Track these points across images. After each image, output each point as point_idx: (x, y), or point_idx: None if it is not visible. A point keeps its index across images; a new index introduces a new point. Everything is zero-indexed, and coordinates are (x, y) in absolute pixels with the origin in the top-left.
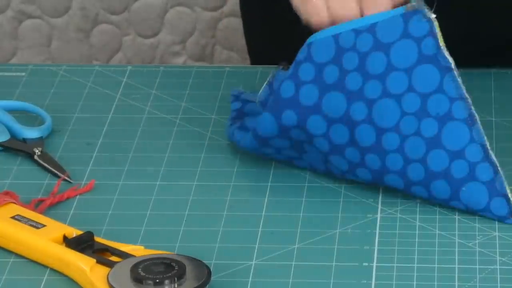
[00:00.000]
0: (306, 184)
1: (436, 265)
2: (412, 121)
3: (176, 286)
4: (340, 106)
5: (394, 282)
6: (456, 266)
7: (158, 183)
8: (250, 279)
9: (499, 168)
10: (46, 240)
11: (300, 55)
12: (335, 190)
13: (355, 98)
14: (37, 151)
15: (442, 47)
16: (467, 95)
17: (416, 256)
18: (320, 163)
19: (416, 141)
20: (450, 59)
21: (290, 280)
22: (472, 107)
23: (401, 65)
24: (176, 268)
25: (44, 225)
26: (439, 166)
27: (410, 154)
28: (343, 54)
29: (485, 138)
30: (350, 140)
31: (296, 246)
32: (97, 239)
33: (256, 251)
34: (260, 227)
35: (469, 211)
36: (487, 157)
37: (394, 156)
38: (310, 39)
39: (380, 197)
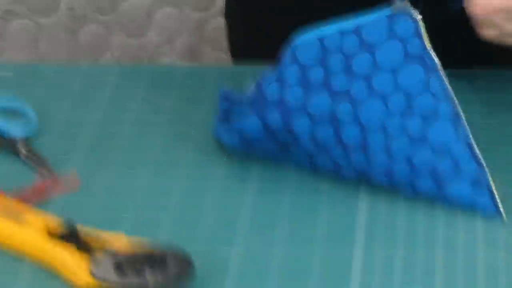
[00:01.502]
0: (290, 183)
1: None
2: (398, 120)
3: (157, 274)
4: (325, 106)
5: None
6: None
7: (145, 178)
8: (230, 266)
9: (484, 166)
10: (28, 231)
11: (285, 57)
12: (320, 190)
13: (341, 98)
14: (24, 150)
15: (428, 48)
16: (453, 95)
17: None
18: (306, 163)
19: (402, 140)
20: (436, 59)
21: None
22: (458, 107)
23: (387, 65)
24: (157, 257)
25: (26, 217)
26: (425, 164)
27: (396, 153)
28: (329, 55)
29: (471, 136)
30: (336, 140)
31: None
32: (79, 227)
33: (236, 239)
34: (240, 215)
35: (455, 207)
36: (472, 155)
37: (380, 155)
38: (295, 41)
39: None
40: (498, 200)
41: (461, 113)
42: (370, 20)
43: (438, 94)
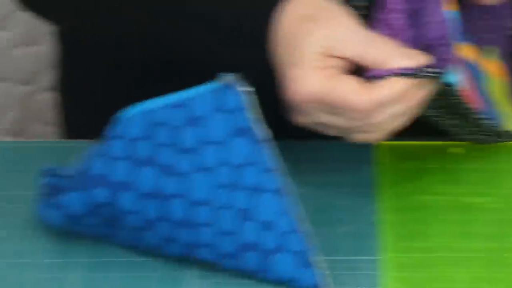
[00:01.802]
0: (119, 259)
1: None
2: (224, 193)
3: None
4: (151, 181)
5: None
6: None
7: None
8: None
9: (309, 239)
10: None
11: (111, 132)
12: (148, 266)
13: (167, 172)
14: None
15: (255, 120)
16: (279, 166)
17: None
18: (133, 239)
19: (228, 213)
20: (263, 131)
21: None
22: (285, 178)
23: (214, 138)
24: None
25: None
26: (250, 237)
27: (221, 226)
28: (155, 129)
29: (297, 208)
30: (161, 215)
31: None
32: None
33: None
34: None
35: (278, 282)
36: (297, 228)
37: (205, 229)
38: (121, 115)
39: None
40: (321, 274)
41: (287, 184)
42: (197, 93)
43: (264, 166)
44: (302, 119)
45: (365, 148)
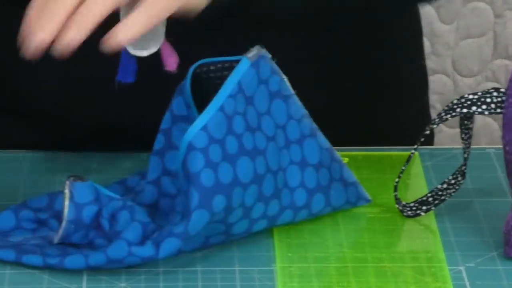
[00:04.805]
0: (8, 272)
1: None
2: (285, 153)
3: None
4: (250, 168)
5: None
6: None
7: None
8: None
9: (343, 162)
10: None
11: (199, 141)
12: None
13: (254, 156)
14: None
15: (284, 79)
16: (306, 112)
17: None
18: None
19: (294, 168)
20: (290, 88)
21: None
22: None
23: (263, 108)
24: None
25: None
26: (313, 182)
27: (292, 182)
28: (231, 121)
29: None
30: (259, 196)
31: None
32: None
33: None
34: None
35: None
36: (335, 158)
37: (286, 191)
38: (200, 123)
39: (85, 282)
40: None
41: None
42: (242, 72)
43: (299, 117)
44: None
45: None
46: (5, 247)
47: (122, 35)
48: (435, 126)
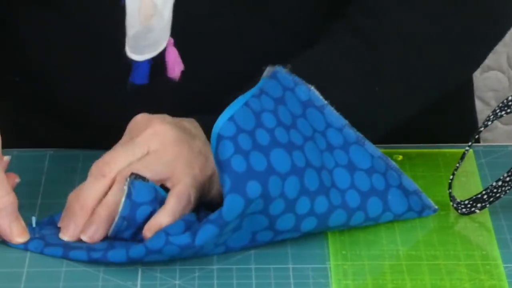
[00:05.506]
0: (64, 269)
1: None
2: (328, 156)
3: None
4: (286, 159)
5: None
6: None
7: None
8: None
9: (401, 171)
10: None
11: (227, 130)
12: (94, 274)
13: (290, 149)
14: None
15: (312, 89)
16: (347, 121)
17: None
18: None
19: (340, 171)
20: (322, 98)
21: None
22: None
23: (297, 112)
24: None
25: None
26: (365, 185)
27: (341, 184)
28: (260, 116)
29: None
30: (302, 189)
31: None
32: None
33: None
34: None
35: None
36: (390, 165)
37: (335, 191)
38: (226, 115)
39: (139, 279)
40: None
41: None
42: (264, 81)
43: (338, 125)
44: None
45: None
46: (54, 244)
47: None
48: (489, 123)
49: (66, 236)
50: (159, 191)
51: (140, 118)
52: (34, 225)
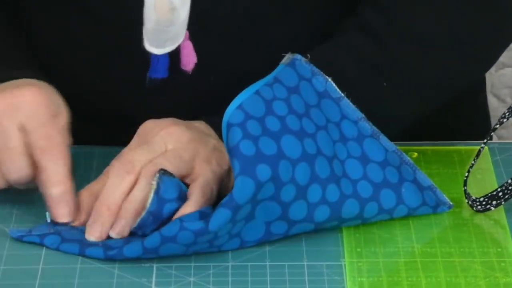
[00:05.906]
0: (79, 266)
1: None
2: (341, 146)
3: None
4: (296, 145)
5: None
6: None
7: None
8: None
9: (416, 166)
10: None
11: (235, 118)
12: (109, 271)
13: (304, 136)
14: None
15: (329, 81)
16: (363, 115)
17: None
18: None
19: (353, 162)
20: (339, 90)
21: None
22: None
23: (312, 102)
24: None
25: None
26: (378, 177)
27: (353, 174)
28: (272, 104)
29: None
30: (312, 175)
31: None
32: None
33: None
34: None
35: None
36: (404, 160)
37: (345, 180)
38: (235, 103)
39: (154, 276)
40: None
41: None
42: (278, 70)
43: (353, 118)
44: None
45: None
46: (70, 240)
47: None
48: (505, 120)
49: (93, 236)
50: (183, 188)
51: (151, 124)
52: (49, 220)
